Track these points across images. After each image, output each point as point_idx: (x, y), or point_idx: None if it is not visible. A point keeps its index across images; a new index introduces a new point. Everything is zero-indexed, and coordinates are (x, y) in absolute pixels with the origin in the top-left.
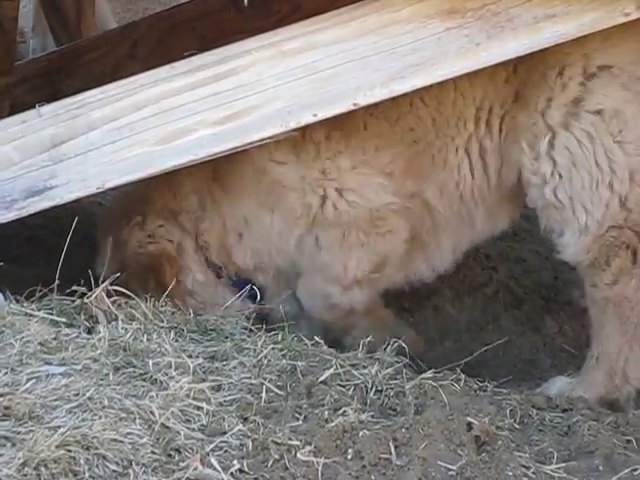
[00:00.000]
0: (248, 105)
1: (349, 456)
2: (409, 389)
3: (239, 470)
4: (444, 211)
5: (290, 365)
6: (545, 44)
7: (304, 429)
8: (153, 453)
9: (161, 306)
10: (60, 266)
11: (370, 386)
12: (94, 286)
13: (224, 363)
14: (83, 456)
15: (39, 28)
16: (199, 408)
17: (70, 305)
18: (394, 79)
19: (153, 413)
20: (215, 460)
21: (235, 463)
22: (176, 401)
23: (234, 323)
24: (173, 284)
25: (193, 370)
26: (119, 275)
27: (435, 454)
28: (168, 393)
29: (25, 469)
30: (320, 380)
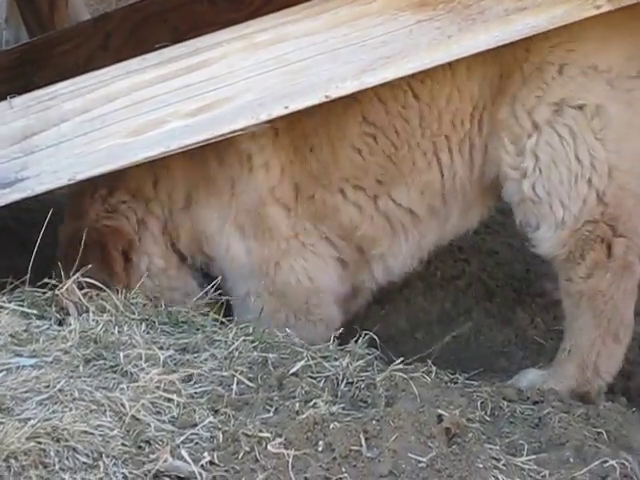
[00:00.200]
0: (220, 97)
1: (320, 448)
2: (380, 381)
3: (209, 462)
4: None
5: (261, 357)
6: (516, 36)
7: (275, 421)
8: (123, 445)
9: (132, 298)
10: (32, 258)
11: (341, 378)
12: (65, 278)
13: (195, 355)
14: (53, 448)
15: (12, 20)
16: (169, 400)
17: (41, 297)
18: (365, 71)
19: (123, 405)
20: (185, 452)
21: (205, 455)
22: (146, 393)
23: (205, 315)
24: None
25: (164, 362)
26: (89, 267)
27: (405, 446)
28: (139, 385)
29: None
30: (291, 372)
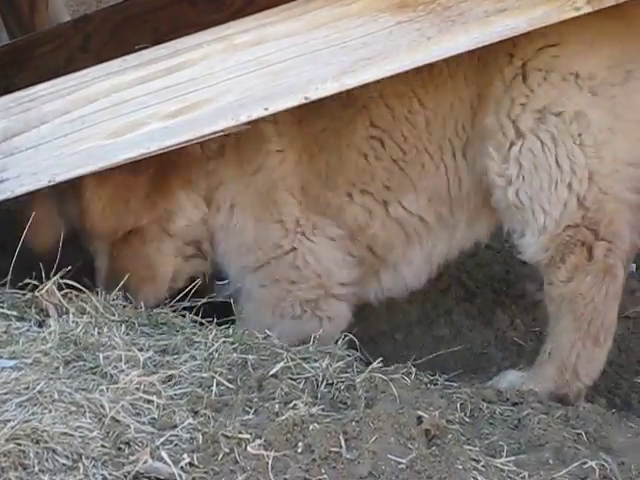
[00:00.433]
0: (200, 98)
1: (299, 449)
2: (360, 382)
3: (189, 464)
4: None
5: (241, 359)
6: (496, 38)
7: (254, 422)
8: (103, 447)
9: (112, 300)
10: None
11: (321, 379)
12: (45, 279)
13: (175, 357)
14: (33, 450)
15: None
16: (149, 402)
17: (21, 299)
18: (345, 73)
19: (103, 407)
20: (165, 454)
21: (185, 457)
22: (126, 395)
23: (185, 317)
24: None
25: (143, 363)
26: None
27: (385, 447)
28: (118, 387)
29: None
30: (271, 373)
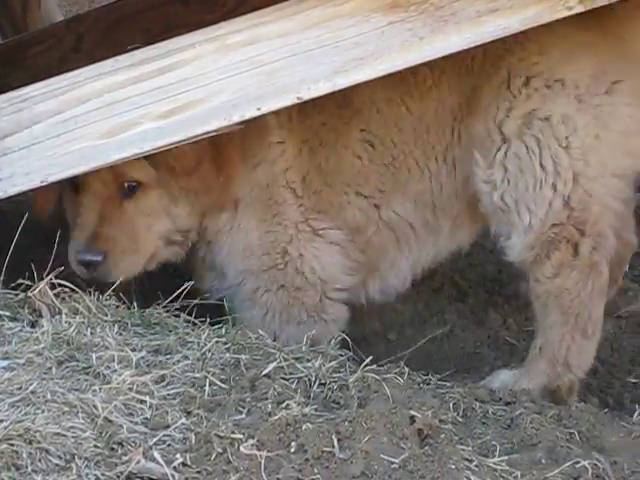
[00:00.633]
0: (192, 99)
1: (292, 449)
2: (352, 382)
3: (182, 464)
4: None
5: (234, 359)
6: (488, 38)
7: (247, 422)
8: (96, 447)
9: (105, 300)
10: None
11: (314, 379)
12: (37, 279)
13: (168, 357)
14: (26, 450)
15: None
16: (142, 402)
17: (14, 299)
18: (338, 73)
19: (96, 407)
20: (158, 454)
21: (178, 457)
22: (119, 395)
23: (178, 317)
24: None
25: (136, 364)
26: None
27: (378, 447)
28: (111, 387)
29: None
30: (264, 373)
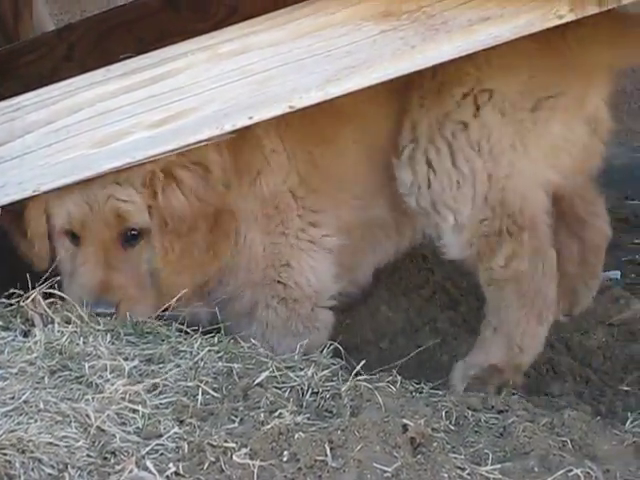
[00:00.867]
0: (184, 108)
1: (285, 458)
2: (345, 391)
3: (175, 473)
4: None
5: (226, 367)
6: (480, 46)
7: (240, 431)
8: (88, 456)
9: None
10: None
11: (306, 388)
12: (30, 289)
13: (160, 366)
14: (18, 459)
15: None
16: (135, 411)
17: (6, 308)
18: (330, 81)
19: (89, 416)
20: (151, 463)
21: (171, 466)
22: (112, 404)
23: (170, 326)
24: None
25: (129, 373)
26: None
27: (371, 456)
28: (104, 396)
29: None
30: (256, 382)
